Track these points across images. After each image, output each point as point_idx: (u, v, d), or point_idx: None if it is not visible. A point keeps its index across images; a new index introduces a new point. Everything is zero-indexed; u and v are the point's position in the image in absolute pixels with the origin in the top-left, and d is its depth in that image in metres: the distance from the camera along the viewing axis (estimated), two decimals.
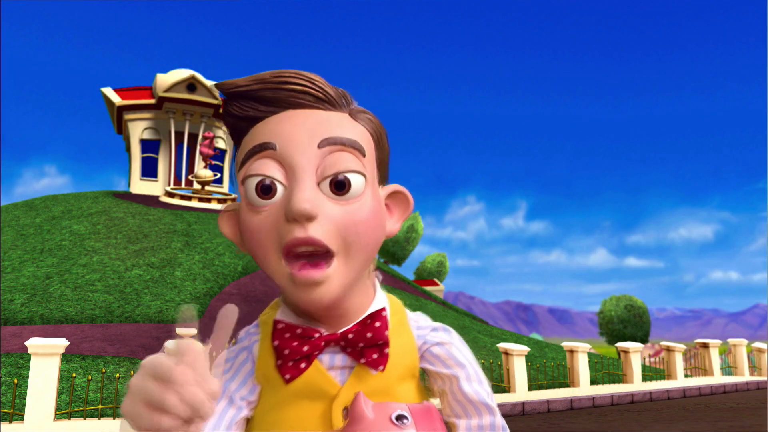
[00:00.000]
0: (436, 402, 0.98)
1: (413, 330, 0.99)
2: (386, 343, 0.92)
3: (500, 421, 0.97)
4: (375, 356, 0.92)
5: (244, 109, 0.90)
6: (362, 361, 0.91)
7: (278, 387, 0.92)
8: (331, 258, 0.86)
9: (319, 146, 0.86)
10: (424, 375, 1.00)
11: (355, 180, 0.87)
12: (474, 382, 0.96)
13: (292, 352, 0.91)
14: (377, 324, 0.92)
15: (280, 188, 0.87)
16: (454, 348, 0.98)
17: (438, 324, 1.00)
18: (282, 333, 0.93)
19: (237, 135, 0.94)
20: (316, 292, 0.86)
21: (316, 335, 0.91)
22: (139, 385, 0.70)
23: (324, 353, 0.92)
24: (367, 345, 0.91)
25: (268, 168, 0.87)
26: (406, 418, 0.80)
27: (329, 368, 0.92)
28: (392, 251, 35.87)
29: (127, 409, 0.70)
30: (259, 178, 0.87)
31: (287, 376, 0.91)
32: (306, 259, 0.86)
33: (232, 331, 0.75)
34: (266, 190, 0.86)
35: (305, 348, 0.90)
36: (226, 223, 0.96)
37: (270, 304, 1.02)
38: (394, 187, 0.97)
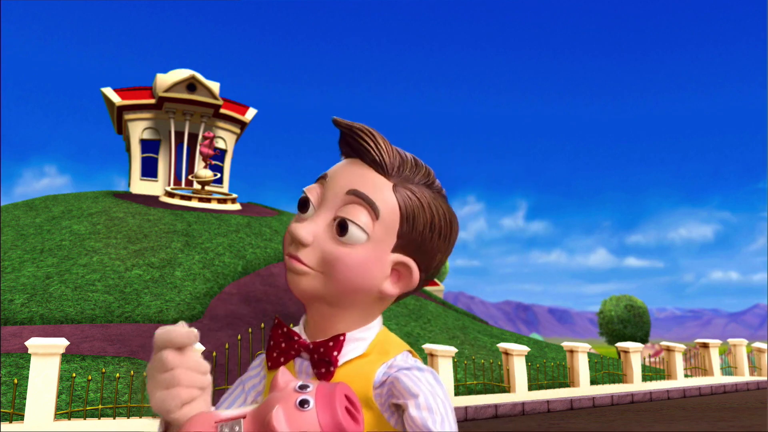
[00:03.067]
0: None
1: (382, 367, 1.08)
2: (332, 363, 1.08)
3: None
4: (323, 370, 1.08)
5: (341, 143, 1.14)
6: (314, 371, 1.09)
7: (269, 373, 1.15)
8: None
9: (347, 193, 1.07)
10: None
11: (354, 231, 1.05)
12: (423, 410, 1.01)
13: (275, 345, 1.13)
14: (331, 344, 1.09)
15: (311, 209, 1.10)
16: (410, 381, 1.03)
17: (414, 366, 1.06)
18: (276, 327, 1.14)
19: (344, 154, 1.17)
20: (294, 278, 1.08)
21: (296, 338, 1.12)
22: (151, 383, 0.95)
23: (301, 358, 1.12)
24: (320, 358, 1.09)
25: (313, 191, 1.11)
26: (307, 386, 0.93)
27: (298, 372, 1.12)
28: None
29: (154, 402, 0.94)
30: (303, 195, 1.11)
31: (269, 364, 1.13)
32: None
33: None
34: (302, 205, 1.11)
35: (283, 344, 1.12)
36: None
37: None
38: (406, 259, 1.10)
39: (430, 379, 1.04)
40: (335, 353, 1.07)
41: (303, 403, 0.89)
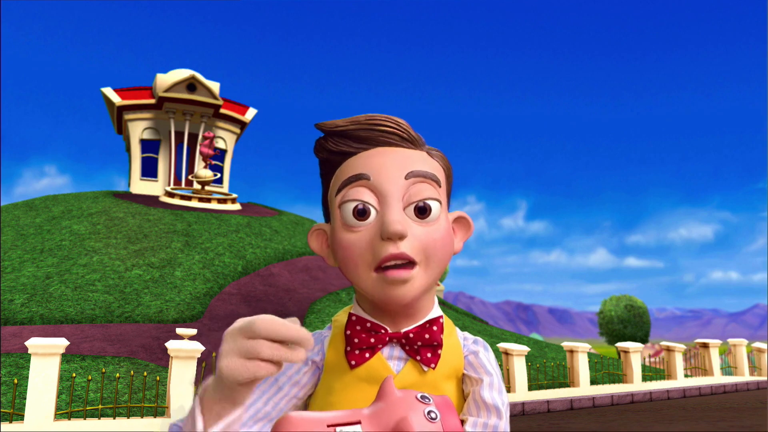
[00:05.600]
0: None
1: (460, 338, 1.18)
2: (440, 345, 1.12)
3: (505, 426, 1.12)
4: (429, 355, 1.11)
5: (339, 145, 1.11)
6: (417, 358, 1.11)
7: (343, 372, 1.11)
8: (414, 265, 1.06)
9: (406, 177, 1.07)
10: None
11: (434, 206, 1.08)
12: (494, 390, 1.13)
13: (360, 342, 1.11)
14: (434, 327, 1.12)
15: (373, 212, 1.07)
16: (486, 360, 1.16)
17: (477, 338, 1.20)
18: (354, 324, 1.12)
19: (329, 167, 1.14)
20: (401, 289, 1.05)
21: (382, 331, 1.11)
22: (230, 345, 0.85)
23: (385, 347, 1.11)
24: (424, 344, 1.11)
25: (363, 195, 1.07)
26: (428, 398, 0.95)
27: (388, 358, 1.11)
28: None
29: (226, 364, 0.84)
30: (356, 203, 1.07)
31: (353, 362, 1.10)
32: (393, 268, 1.05)
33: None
34: (362, 213, 1.07)
35: (372, 340, 1.10)
36: (315, 239, 1.17)
37: (343, 309, 1.21)
38: (459, 213, 1.18)
39: (492, 355, 1.18)
40: (441, 335, 1.13)
41: (431, 414, 0.93)
